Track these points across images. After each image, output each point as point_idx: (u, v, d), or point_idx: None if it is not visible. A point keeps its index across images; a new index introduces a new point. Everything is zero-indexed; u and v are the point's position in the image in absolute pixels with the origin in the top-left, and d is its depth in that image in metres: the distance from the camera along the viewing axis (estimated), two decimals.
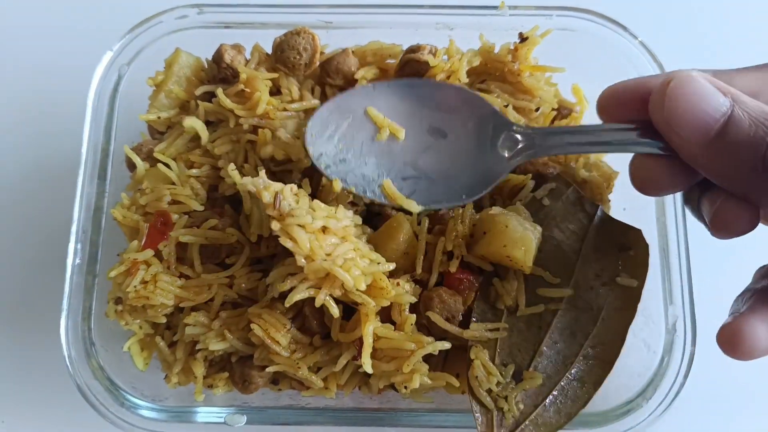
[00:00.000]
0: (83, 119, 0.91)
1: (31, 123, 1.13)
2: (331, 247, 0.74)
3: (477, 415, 0.78)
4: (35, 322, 1.04)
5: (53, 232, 1.03)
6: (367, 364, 0.76)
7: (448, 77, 0.87)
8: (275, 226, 0.72)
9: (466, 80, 0.89)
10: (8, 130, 1.14)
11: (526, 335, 0.80)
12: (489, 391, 0.78)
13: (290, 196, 0.74)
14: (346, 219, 0.78)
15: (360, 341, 0.77)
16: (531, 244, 0.77)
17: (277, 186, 0.74)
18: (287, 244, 0.72)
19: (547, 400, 0.78)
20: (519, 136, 0.78)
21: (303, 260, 0.72)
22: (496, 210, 0.81)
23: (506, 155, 0.78)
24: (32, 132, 1.13)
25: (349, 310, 0.81)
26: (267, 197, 0.72)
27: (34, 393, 1.02)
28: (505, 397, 0.78)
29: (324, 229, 0.75)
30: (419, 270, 0.81)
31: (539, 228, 0.80)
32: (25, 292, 1.06)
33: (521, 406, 0.78)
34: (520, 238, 0.77)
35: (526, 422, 0.77)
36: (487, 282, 0.82)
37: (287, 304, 0.75)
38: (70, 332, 0.85)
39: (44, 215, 1.08)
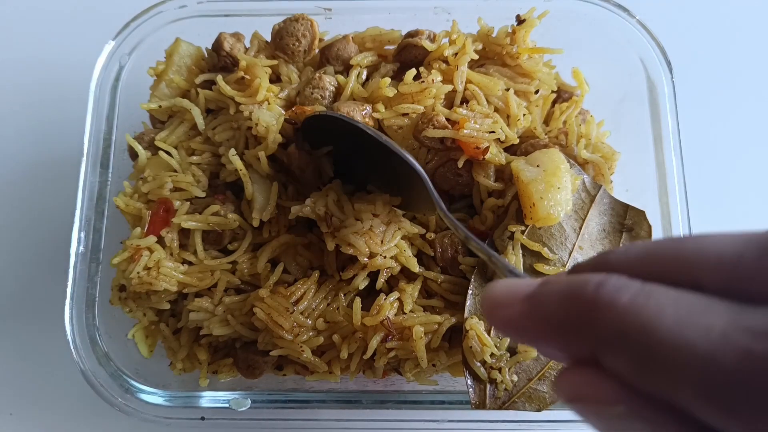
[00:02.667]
0: (85, 110, 0.92)
1: (33, 115, 1.14)
2: (381, 234, 0.81)
3: (470, 386, 0.77)
4: (41, 314, 1.04)
5: (57, 224, 1.04)
6: (423, 359, 0.80)
7: (455, 55, 0.86)
8: (331, 245, 0.81)
9: (475, 56, 0.88)
10: (11, 122, 1.14)
11: None
12: (483, 363, 0.78)
13: (336, 209, 0.81)
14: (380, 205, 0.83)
15: (389, 322, 0.80)
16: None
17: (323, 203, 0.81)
18: (348, 251, 0.80)
19: (542, 374, 0.77)
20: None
21: (366, 259, 0.80)
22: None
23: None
24: (35, 123, 1.13)
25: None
26: (318, 218, 0.81)
27: (41, 385, 1.02)
28: (499, 369, 0.78)
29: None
30: None
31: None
32: (31, 285, 1.06)
33: (515, 379, 0.77)
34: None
35: (519, 394, 0.77)
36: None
37: (356, 303, 0.81)
38: (75, 319, 0.85)
39: (48, 206, 1.08)
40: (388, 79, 0.85)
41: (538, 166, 0.81)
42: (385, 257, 0.81)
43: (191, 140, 0.88)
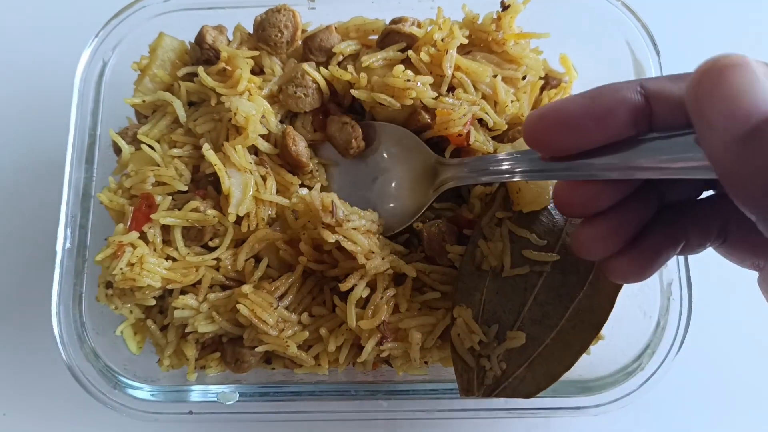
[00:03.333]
0: (70, 106, 0.91)
1: (18, 112, 1.13)
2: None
3: (458, 372, 0.77)
4: (32, 314, 1.03)
5: (42, 221, 1.02)
6: (416, 360, 0.81)
7: (443, 40, 0.86)
8: (330, 237, 0.78)
9: (465, 41, 0.87)
10: None
11: (511, 296, 0.79)
12: (471, 350, 0.77)
13: (341, 204, 0.80)
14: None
15: (386, 325, 0.80)
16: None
17: (331, 196, 0.80)
18: (350, 246, 0.78)
19: (531, 361, 0.76)
20: (441, 168, 0.83)
21: (364, 258, 0.79)
22: None
23: (431, 189, 0.83)
24: (19, 120, 1.13)
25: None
26: (323, 208, 0.79)
27: (34, 385, 1.02)
28: (488, 356, 0.77)
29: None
30: None
31: None
32: (21, 285, 1.06)
33: (504, 366, 0.77)
34: None
35: (509, 381, 0.76)
36: (472, 244, 0.81)
37: (351, 303, 0.80)
38: (62, 316, 0.85)
39: (33, 203, 1.08)
40: (401, 67, 0.84)
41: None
42: (383, 258, 0.81)
43: (173, 133, 0.88)
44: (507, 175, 0.73)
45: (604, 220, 0.65)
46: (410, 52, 0.86)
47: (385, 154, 0.88)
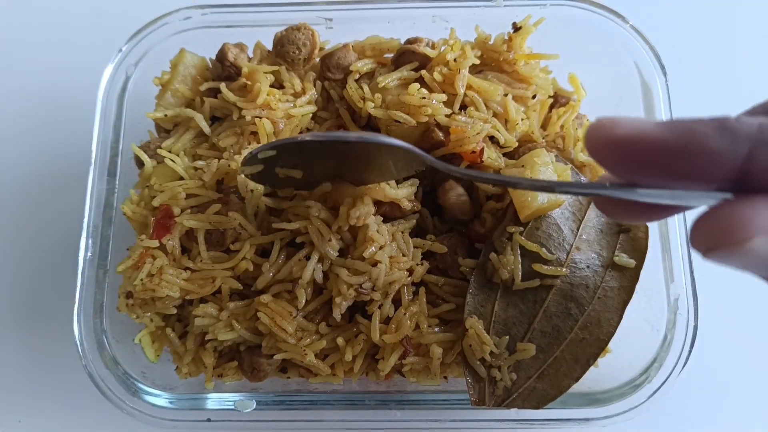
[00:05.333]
0: (93, 119, 0.94)
1: (43, 125, 1.16)
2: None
3: (470, 384, 0.78)
4: (50, 323, 1.06)
5: (65, 232, 1.06)
6: (436, 375, 0.84)
7: (455, 60, 0.88)
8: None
9: (477, 61, 0.89)
10: (20, 131, 1.16)
11: (522, 308, 0.81)
12: (482, 360, 0.79)
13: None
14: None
15: (408, 340, 0.82)
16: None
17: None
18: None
19: (540, 373, 0.78)
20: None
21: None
22: None
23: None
24: (44, 133, 1.15)
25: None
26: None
27: (50, 393, 1.03)
28: (498, 367, 0.79)
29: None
30: None
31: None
32: (40, 294, 1.08)
33: (514, 377, 0.79)
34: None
35: (518, 392, 0.78)
36: (484, 257, 0.84)
37: (375, 318, 0.83)
38: (83, 324, 0.87)
39: (56, 214, 1.10)
40: (416, 85, 0.86)
41: (523, 166, 0.83)
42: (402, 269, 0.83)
43: (197, 147, 0.90)
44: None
45: None
46: (424, 72, 0.88)
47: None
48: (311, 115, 0.93)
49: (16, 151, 1.15)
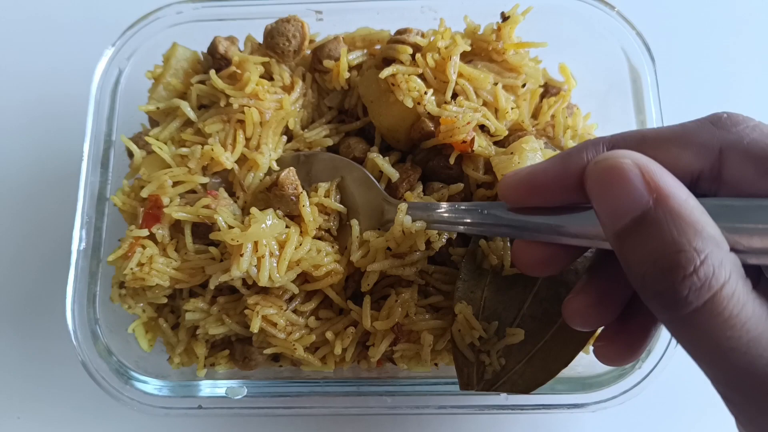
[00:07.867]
0: (86, 113, 0.95)
1: (36, 118, 1.17)
2: None
3: (458, 367, 0.79)
4: (46, 318, 1.06)
5: (59, 226, 1.06)
6: (427, 362, 0.85)
7: (446, 48, 0.88)
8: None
9: (467, 48, 0.90)
10: (14, 125, 1.17)
11: (511, 294, 0.81)
12: (471, 345, 0.79)
13: None
14: None
15: (399, 327, 0.83)
16: None
17: None
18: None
19: (530, 357, 0.78)
20: (387, 207, 0.85)
21: None
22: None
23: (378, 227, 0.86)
24: (37, 126, 1.16)
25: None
26: None
27: (47, 388, 1.04)
28: (488, 352, 0.79)
29: None
30: None
31: None
32: (35, 289, 1.08)
33: (503, 361, 0.78)
34: None
35: (508, 376, 0.78)
36: (473, 244, 0.84)
37: (366, 305, 0.84)
38: (77, 314, 0.88)
39: (50, 207, 1.11)
40: (416, 79, 0.87)
41: (512, 153, 0.83)
42: None
43: (182, 132, 0.91)
44: (447, 225, 0.78)
45: (594, 286, 0.66)
46: (418, 56, 0.87)
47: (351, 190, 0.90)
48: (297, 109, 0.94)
49: (10, 146, 1.16)
